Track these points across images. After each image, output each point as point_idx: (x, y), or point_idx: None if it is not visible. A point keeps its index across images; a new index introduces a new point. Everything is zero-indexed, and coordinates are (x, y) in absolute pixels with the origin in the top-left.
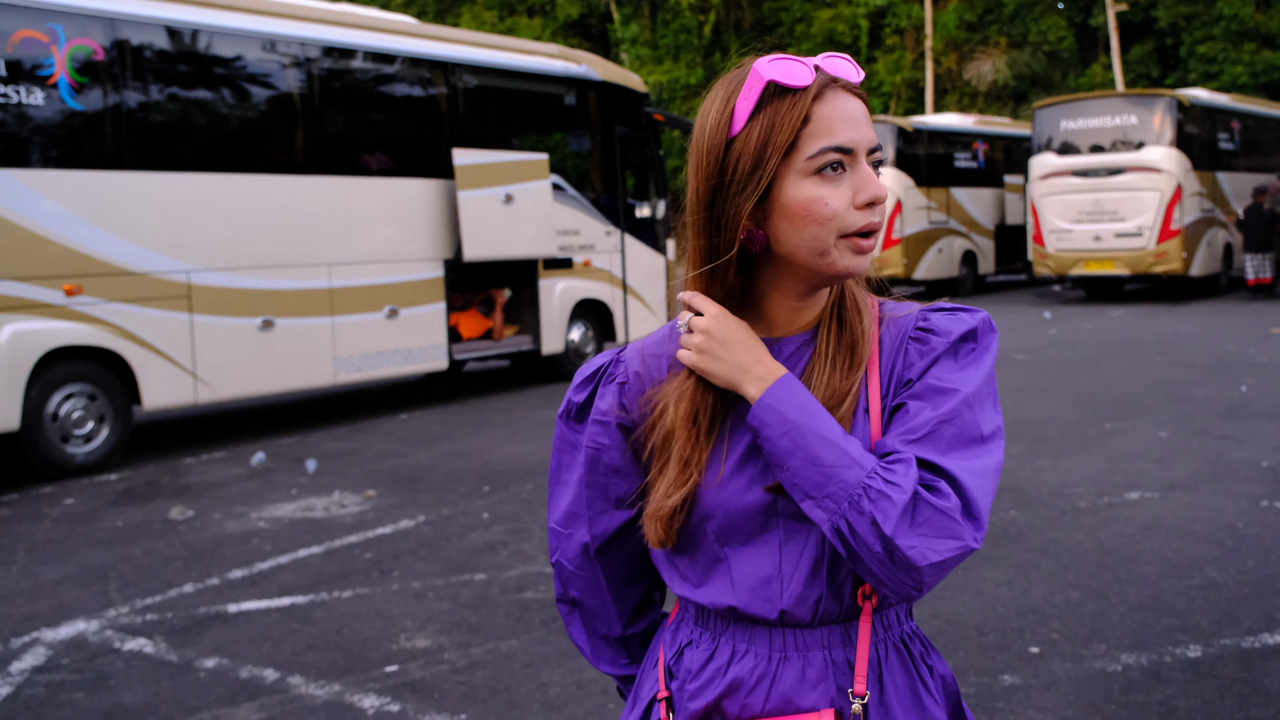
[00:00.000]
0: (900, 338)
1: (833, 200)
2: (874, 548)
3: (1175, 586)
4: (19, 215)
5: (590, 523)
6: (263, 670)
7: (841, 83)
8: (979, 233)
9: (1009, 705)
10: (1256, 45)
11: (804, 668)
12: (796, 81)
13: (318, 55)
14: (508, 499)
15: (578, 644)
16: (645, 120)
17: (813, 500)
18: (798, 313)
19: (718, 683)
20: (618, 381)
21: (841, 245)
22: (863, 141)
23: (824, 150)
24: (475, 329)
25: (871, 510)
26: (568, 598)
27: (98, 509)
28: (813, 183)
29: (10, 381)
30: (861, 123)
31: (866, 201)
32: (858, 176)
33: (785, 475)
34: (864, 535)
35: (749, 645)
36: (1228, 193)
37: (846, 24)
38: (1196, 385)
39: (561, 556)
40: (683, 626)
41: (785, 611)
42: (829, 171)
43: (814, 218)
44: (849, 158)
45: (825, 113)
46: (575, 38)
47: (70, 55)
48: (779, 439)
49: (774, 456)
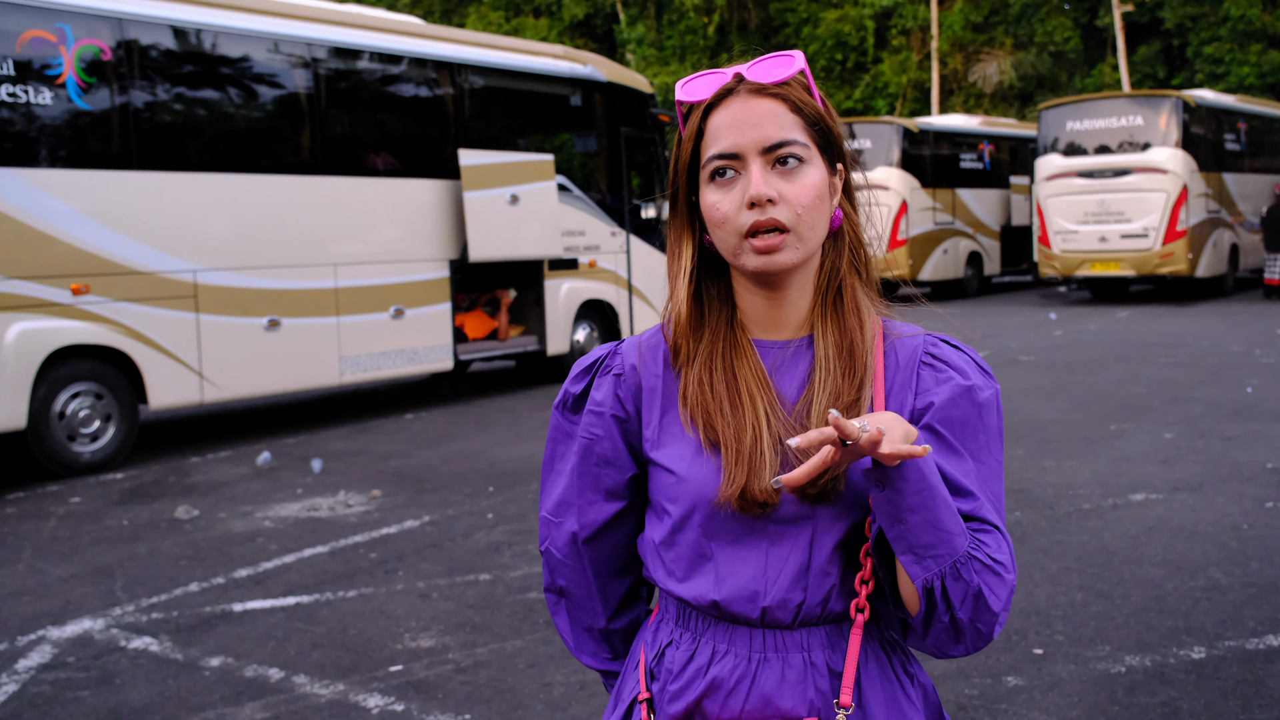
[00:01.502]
0: (910, 359)
1: (723, 204)
2: (961, 615)
3: (1179, 588)
4: (27, 214)
5: (580, 512)
6: (267, 669)
7: (748, 86)
8: (984, 234)
9: (1012, 707)
10: (1263, 46)
11: (783, 669)
12: (694, 97)
13: (324, 55)
14: (512, 499)
15: (562, 633)
16: (651, 121)
17: (915, 556)
18: (775, 310)
19: (698, 683)
20: (614, 373)
21: (745, 246)
22: (750, 144)
23: (710, 159)
24: (480, 329)
25: (980, 584)
26: (555, 586)
27: (103, 508)
28: (710, 190)
29: (17, 380)
30: (754, 125)
31: (748, 202)
32: (747, 178)
33: (898, 528)
34: (955, 600)
35: (729, 645)
36: (1234, 194)
37: (852, 25)
38: (1202, 386)
39: (551, 545)
40: (663, 626)
41: (767, 610)
42: (719, 177)
43: (714, 222)
44: (737, 162)
45: (715, 122)
46: (581, 38)
47: (78, 55)
48: (912, 495)
49: (895, 509)
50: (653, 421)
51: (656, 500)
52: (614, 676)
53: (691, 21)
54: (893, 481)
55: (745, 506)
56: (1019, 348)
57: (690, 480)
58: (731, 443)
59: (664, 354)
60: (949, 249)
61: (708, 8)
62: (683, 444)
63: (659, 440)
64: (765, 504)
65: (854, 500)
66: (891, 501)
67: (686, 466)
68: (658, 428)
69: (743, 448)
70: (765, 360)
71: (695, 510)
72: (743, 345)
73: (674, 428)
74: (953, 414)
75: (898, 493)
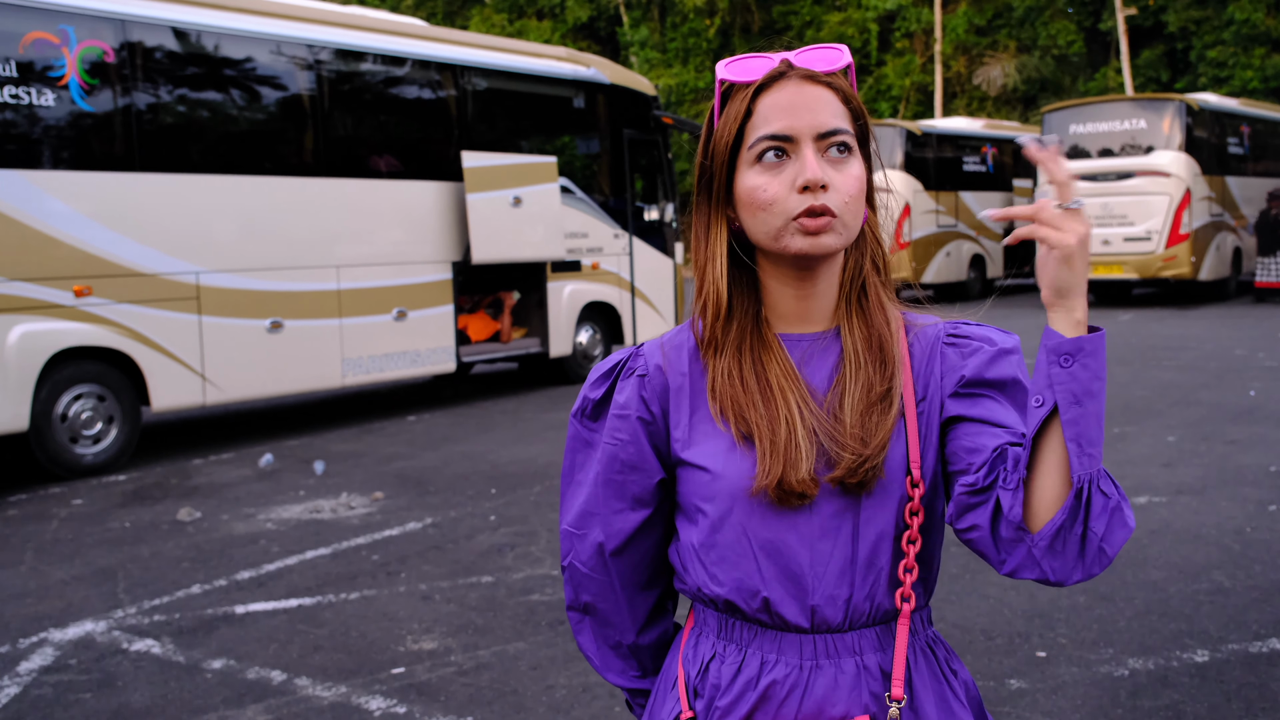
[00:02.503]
0: (931, 344)
1: (771, 187)
2: (1096, 526)
3: (1183, 591)
4: (29, 216)
5: (606, 522)
6: (270, 671)
7: (800, 72)
8: (988, 236)
9: (1016, 710)
10: (1267, 49)
11: (836, 675)
12: (744, 77)
13: (327, 58)
14: (515, 501)
15: (586, 653)
16: (654, 123)
17: (1079, 447)
18: (803, 303)
19: (750, 695)
20: (638, 375)
21: (791, 227)
22: (805, 128)
23: (759, 140)
24: (483, 331)
25: (1119, 500)
26: (579, 604)
27: (106, 510)
28: (754, 172)
29: (19, 382)
30: (809, 110)
31: (803, 185)
32: (799, 162)
33: (1074, 411)
34: (1096, 509)
35: (778, 654)
36: (1237, 197)
37: (856, 28)
38: (1205, 390)
39: (574, 559)
40: (703, 641)
41: (815, 609)
42: (769, 159)
43: (757, 204)
44: (789, 145)
45: (767, 104)
46: (584, 41)
47: (81, 57)
48: (1095, 377)
49: (1081, 385)
50: (682, 421)
51: (689, 502)
52: (642, 695)
53: (694, 24)
54: (1083, 357)
55: (783, 498)
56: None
57: (726, 476)
58: (766, 434)
59: (690, 351)
60: (952, 252)
61: (711, 10)
62: (715, 440)
63: (690, 439)
64: (803, 494)
65: (890, 492)
66: (1076, 378)
67: (721, 463)
68: (688, 427)
69: (777, 439)
70: (792, 353)
71: (733, 507)
72: (769, 339)
73: (705, 425)
74: (997, 374)
75: (1085, 369)
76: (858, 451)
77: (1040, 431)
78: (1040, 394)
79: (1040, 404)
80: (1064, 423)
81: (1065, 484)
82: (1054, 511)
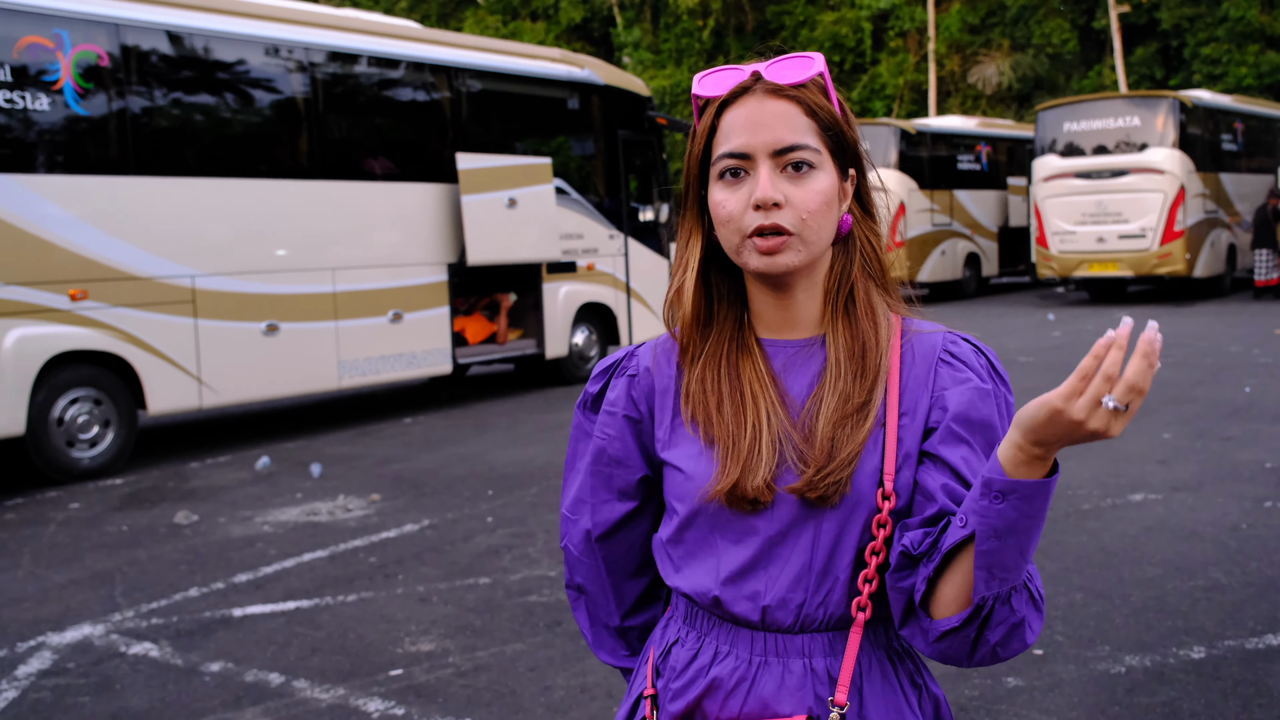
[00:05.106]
0: (927, 355)
1: (728, 203)
2: (992, 636)
3: (1179, 588)
4: (24, 220)
5: (593, 510)
6: (267, 674)
7: (765, 86)
8: (982, 235)
9: (1013, 707)
10: (1261, 46)
11: (783, 674)
12: (709, 92)
13: (322, 60)
14: (511, 503)
15: (581, 629)
16: (648, 124)
17: (989, 574)
18: (783, 311)
19: (699, 682)
20: (629, 374)
21: (748, 244)
22: (760, 145)
23: (720, 157)
24: (479, 333)
25: (1023, 616)
26: (574, 583)
27: (103, 513)
28: (719, 187)
29: (16, 386)
30: (767, 126)
31: (755, 204)
32: (755, 179)
33: (992, 543)
34: (995, 622)
35: (731, 647)
36: (1231, 194)
37: (850, 27)
38: (1200, 386)
39: (569, 541)
40: (672, 624)
41: (767, 609)
42: (728, 176)
43: (719, 220)
44: (746, 162)
45: (729, 120)
46: (578, 42)
47: (75, 60)
48: (1023, 519)
49: (1007, 524)
50: (664, 422)
51: (668, 500)
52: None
53: (688, 25)
54: (1016, 499)
55: (734, 502)
56: (1018, 349)
57: (696, 478)
58: (729, 440)
59: (677, 355)
60: (947, 250)
61: (704, 11)
62: (690, 444)
63: (670, 440)
64: (755, 501)
65: (856, 503)
66: (1004, 516)
67: (693, 465)
68: (669, 428)
69: (740, 445)
70: (776, 360)
71: (700, 508)
72: (750, 345)
73: (683, 428)
74: (974, 416)
75: (1016, 509)
76: (819, 465)
77: (958, 545)
78: (964, 515)
79: (963, 525)
80: (978, 553)
81: (969, 595)
82: (953, 612)
